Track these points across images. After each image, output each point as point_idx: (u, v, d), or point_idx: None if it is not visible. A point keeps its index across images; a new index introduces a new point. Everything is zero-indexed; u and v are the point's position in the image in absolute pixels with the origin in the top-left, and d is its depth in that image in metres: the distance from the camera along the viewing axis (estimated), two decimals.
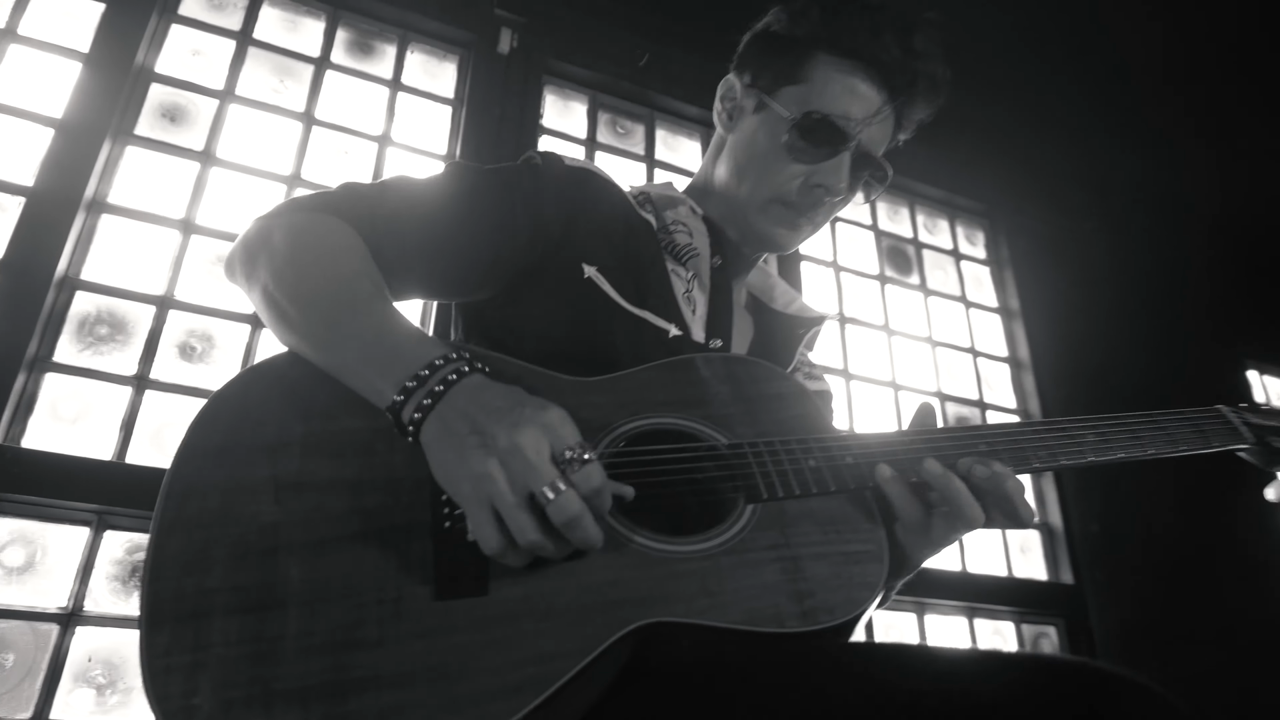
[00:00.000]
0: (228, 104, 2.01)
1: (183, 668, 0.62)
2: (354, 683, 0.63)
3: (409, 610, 0.66)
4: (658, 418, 0.83)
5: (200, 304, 1.80)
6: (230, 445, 0.73)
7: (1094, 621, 2.53)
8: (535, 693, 0.63)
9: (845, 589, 0.73)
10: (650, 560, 0.73)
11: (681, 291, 1.02)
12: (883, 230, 2.88)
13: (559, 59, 2.44)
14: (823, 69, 1.01)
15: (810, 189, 1.02)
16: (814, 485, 0.80)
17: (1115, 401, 2.87)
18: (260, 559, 0.68)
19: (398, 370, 0.72)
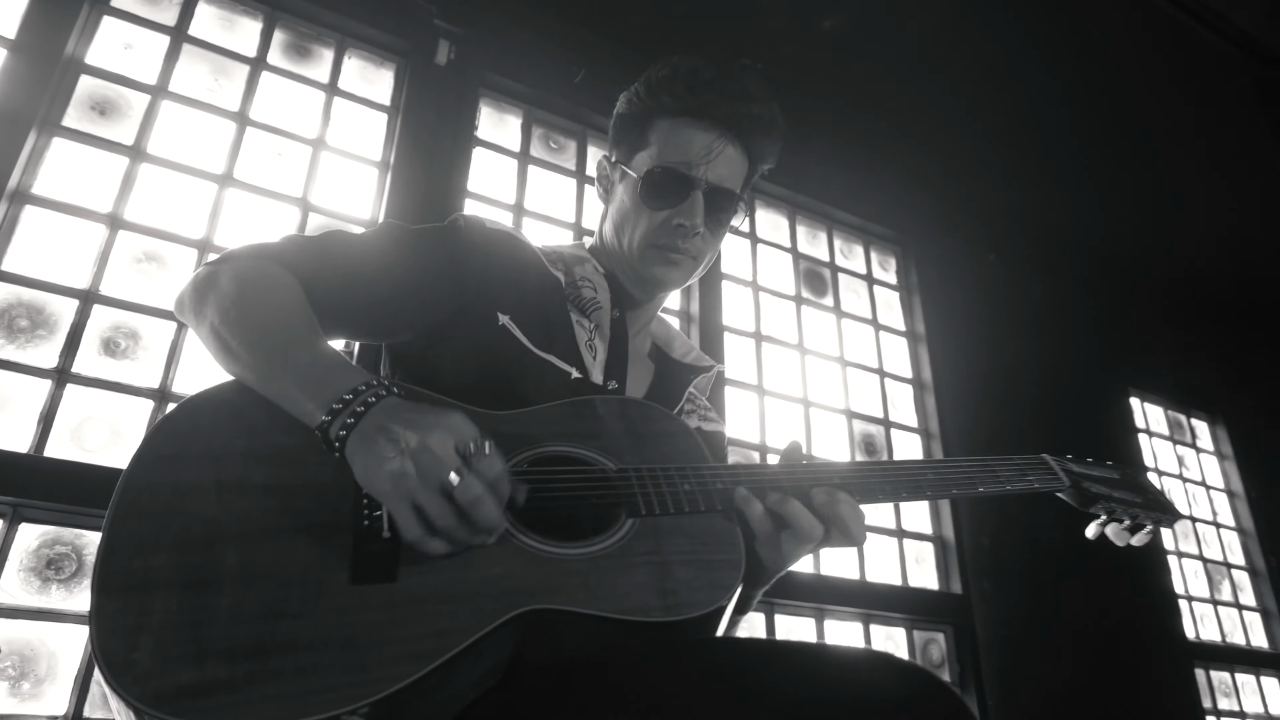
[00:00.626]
0: (160, 100, 2.01)
1: (127, 629, 0.71)
2: (276, 645, 0.72)
3: (328, 591, 0.77)
4: (557, 446, 0.95)
5: (126, 299, 1.81)
6: (180, 453, 0.83)
7: (979, 629, 2.73)
8: (430, 660, 0.74)
9: (705, 589, 0.86)
10: (540, 560, 0.84)
11: (584, 340, 1.15)
12: (801, 253, 3.02)
13: (495, 73, 2.50)
14: (660, 131, 1.18)
15: (672, 229, 1.16)
16: (686, 505, 0.93)
17: (1009, 422, 3.10)
18: (202, 546, 0.77)
19: (325, 395, 0.83)
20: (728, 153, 1.18)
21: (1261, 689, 3.65)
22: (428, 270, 1.09)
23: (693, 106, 1.16)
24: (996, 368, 3.25)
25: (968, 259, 3.43)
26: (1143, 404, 4.02)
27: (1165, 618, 3.36)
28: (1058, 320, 3.64)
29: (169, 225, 1.91)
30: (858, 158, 3.18)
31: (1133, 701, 3.03)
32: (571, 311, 1.17)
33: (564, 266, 1.21)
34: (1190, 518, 3.91)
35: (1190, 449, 4.16)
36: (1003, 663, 2.72)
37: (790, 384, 2.74)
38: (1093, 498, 1.18)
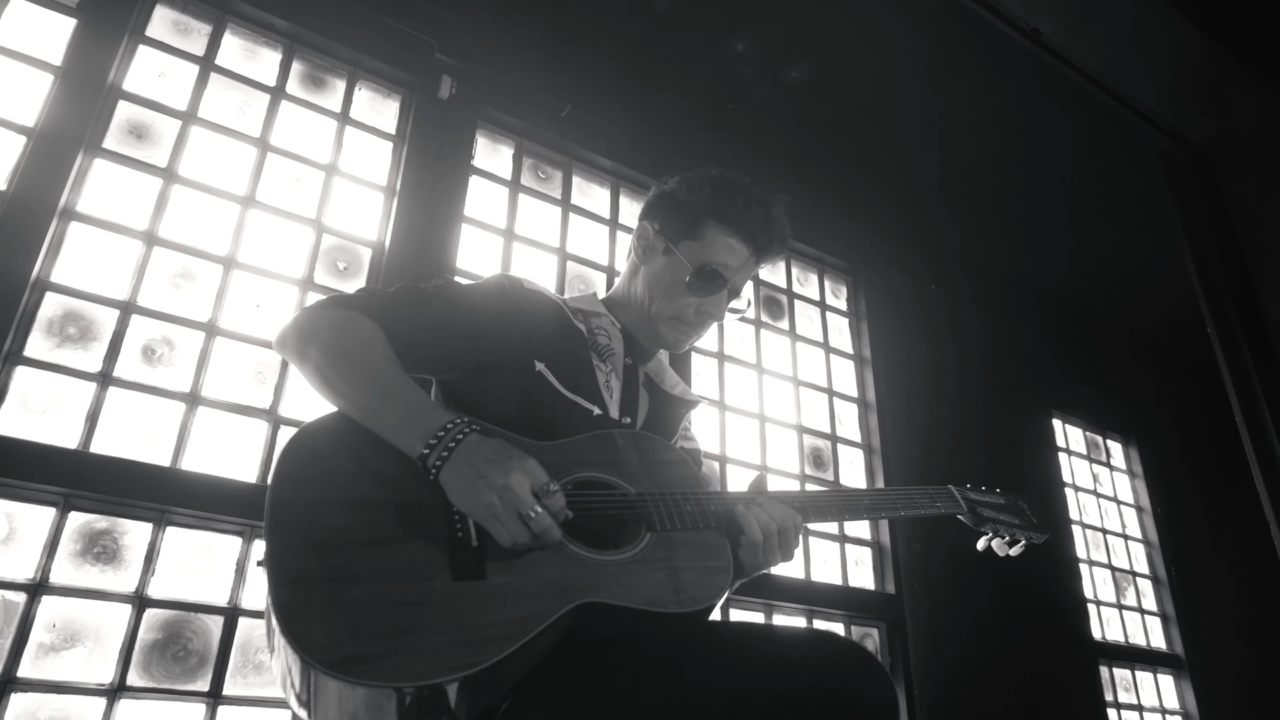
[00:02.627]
0: (190, 125, 2.19)
1: (299, 614, 0.94)
2: (405, 629, 0.97)
3: (437, 587, 1.02)
4: (590, 472, 1.22)
5: (160, 310, 1.99)
6: (308, 474, 1.07)
7: (909, 625, 3.04)
8: (518, 639, 1.00)
9: (706, 588, 1.16)
10: (587, 564, 1.12)
11: (603, 382, 1.41)
12: (762, 280, 3.30)
13: (491, 106, 2.72)
14: (711, 232, 1.46)
15: (699, 314, 1.47)
16: (689, 522, 1.21)
17: (943, 439, 3.42)
18: (338, 550, 1.01)
19: (422, 432, 1.09)
20: (752, 267, 1.51)
21: (1158, 685, 4.06)
22: (477, 322, 1.33)
23: (743, 224, 1.46)
24: (934, 389, 3.57)
25: (911, 290, 3.75)
26: (1064, 425, 4.40)
27: (1075, 619, 3.73)
28: (989, 348, 3.99)
29: (198, 242, 2.10)
30: (817, 195, 3.48)
31: (1044, 694, 3.38)
32: (593, 356, 1.42)
33: (584, 319, 1.47)
34: (1102, 529, 4.30)
35: (1105, 467, 4.56)
36: (929, 656, 3.04)
37: (748, 401, 3.02)
38: (982, 519, 1.53)
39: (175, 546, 1.83)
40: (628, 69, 3.02)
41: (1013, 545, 1.54)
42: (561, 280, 2.73)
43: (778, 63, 3.01)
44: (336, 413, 1.16)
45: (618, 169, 2.98)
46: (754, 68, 3.03)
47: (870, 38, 2.91)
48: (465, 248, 2.51)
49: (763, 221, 1.46)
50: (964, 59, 2.96)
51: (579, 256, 2.79)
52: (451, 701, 0.97)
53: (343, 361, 1.15)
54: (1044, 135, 3.29)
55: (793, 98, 3.11)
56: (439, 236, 2.42)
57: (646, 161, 3.02)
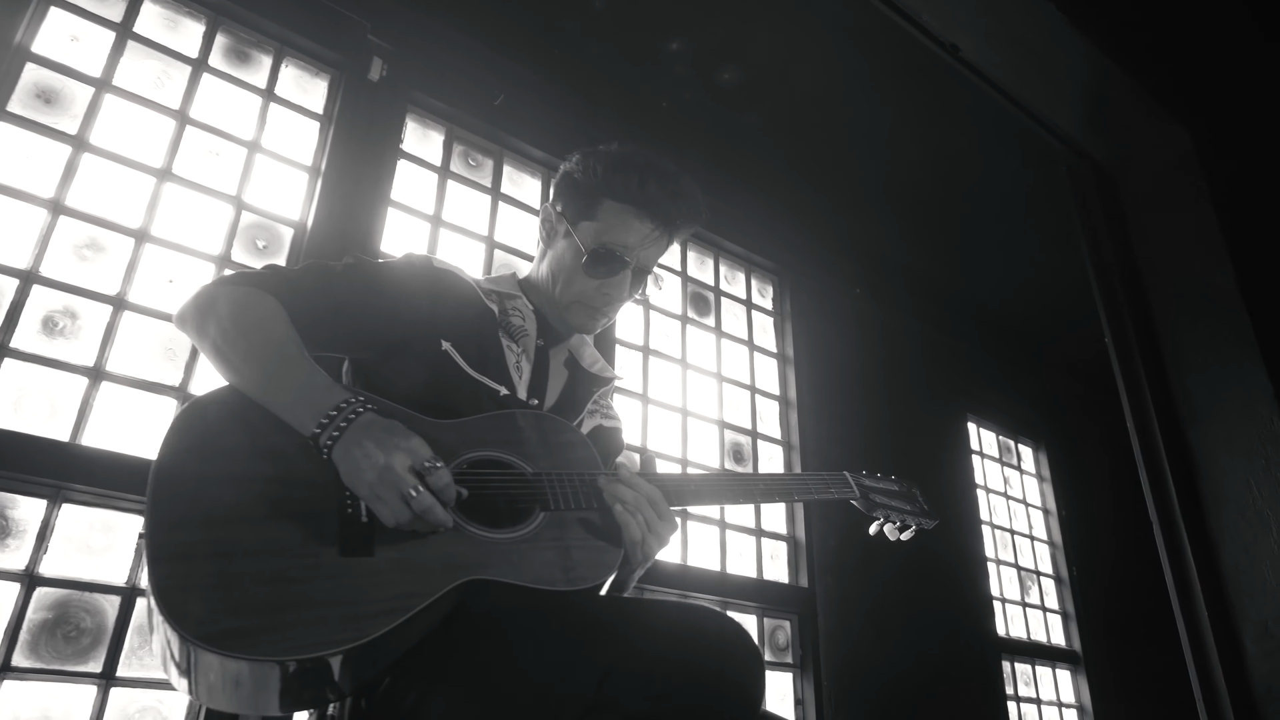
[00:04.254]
0: (104, 93, 2.13)
1: (177, 589, 0.94)
2: (288, 603, 0.98)
3: (323, 563, 1.03)
4: (489, 451, 1.23)
5: (65, 281, 1.93)
6: (197, 447, 1.07)
7: (821, 618, 3.12)
8: (401, 615, 1.01)
9: (593, 567, 1.19)
10: (478, 542, 1.13)
11: (513, 362, 1.42)
12: (690, 276, 3.35)
13: (422, 91, 2.70)
14: (607, 211, 1.45)
15: (602, 296, 1.46)
16: (583, 502, 1.23)
17: (861, 438, 3.52)
18: (223, 525, 1.01)
19: (315, 411, 1.09)
20: (659, 241, 1.48)
21: (1056, 680, 4.25)
22: (386, 300, 1.34)
23: (640, 199, 1.43)
24: (853, 390, 3.67)
25: (836, 292, 3.84)
26: (978, 429, 4.57)
27: (981, 615, 3.88)
28: (910, 351, 4.11)
29: (108, 214, 2.04)
30: (746, 194, 3.54)
31: (948, 686, 3.51)
32: (504, 337, 1.42)
33: (498, 299, 1.47)
34: (1010, 530, 4.48)
35: (1016, 470, 4.75)
36: (840, 648, 3.13)
37: (672, 395, 3.06)
38: (875, 505, 1.58)
39: (71, 524, 1.78)
40: (564, 63, 3.03)
41: (903, 530, 1.60)
42: (489, 268, 2.72)
43: (710, 65, 3.07)
44: (229, 387, 1.15)
45: (549, 160, 2.99)
46: (687, 68, 3.07)
47: (799, 46, 2.98)
48: (391, 232, 2.49)
49: (662, 194, 1.43)
50: (890, 73, 3.06)
51: (507, 246, 2.79)
52: (335, 675, 0.98)
53: (240, 339, 1.15)
54: (964, 149, 3.42)
55: (724, 100, 3.17)
56: (363, 219, 2.40)
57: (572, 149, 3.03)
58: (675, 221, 1.47)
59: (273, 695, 0.96)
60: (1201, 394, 2.58)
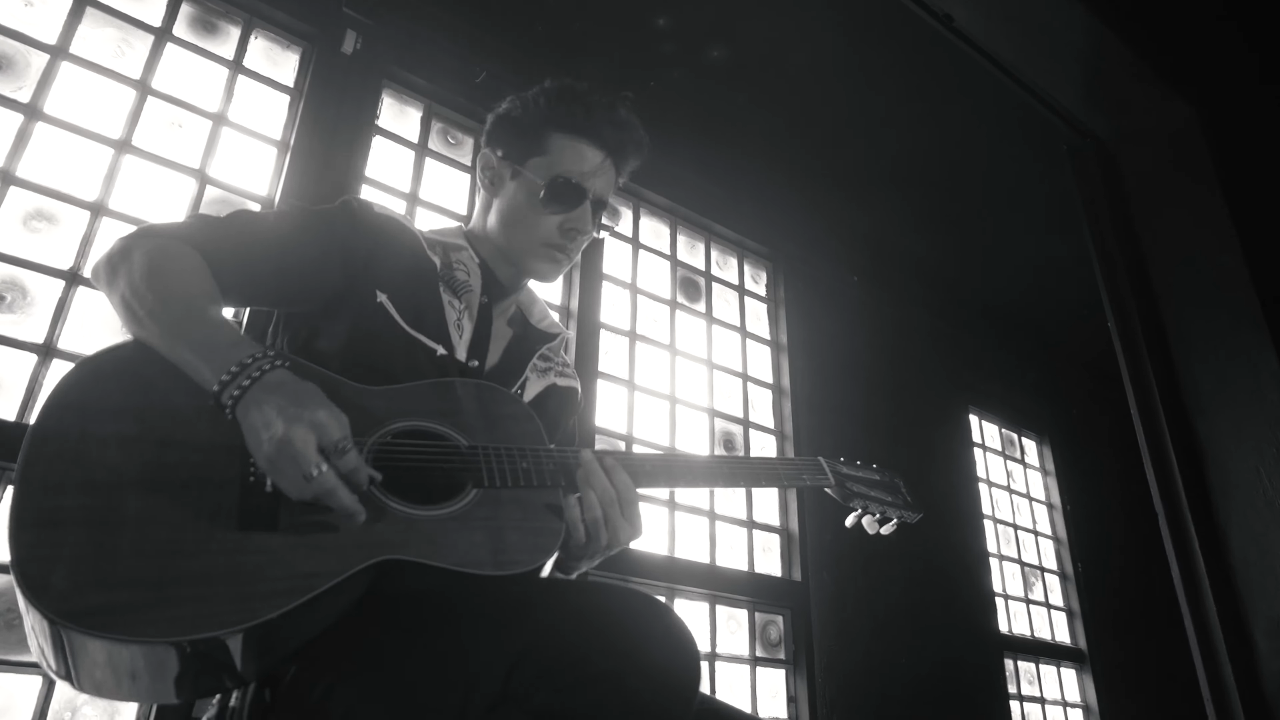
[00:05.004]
0: (60, 60, 2.04)
1: (42, 559, 0.83)
2: (172, 578, 0.86)
3: (218, 535, 0.91)
4: (420, 421, 1.12)
5: (13, 254, 1.85)
6: (84, 405, 0.95)
7: (814, 613, 3.02)
8: (300, 596, 0.89)
9: (528, 551, 1.06)
10: (399, 519, 1.01)
11: (454, 320, 1.30)
12: (680, 260, 3.26)
13: (399, 66, 2.62)
14: (556, 143, 1.36)
15: (566, 232, 1.35)
16: (522, 479, 1.11)
17: (856, 429, 3.42)
18: (105, 490, 0.89)
19: (218, 364, 0.97)
20: (610, 171, 1.39)
21: (1060, 678, 4.14)
22: (318, 248, 1.22)
23: (588, 128, 1.35)
24: (850, 379, 3.57)
25: (833, 279, 3.74)
26: (980, 421, 4.46)
27: (982, 612, 3.77)
28: (909, 341, 4.01)
29: (63, 185, 1.96)
30: (738, 177, 3.44)
31: (948, 684, 3.40)
32: (445, 292, 1.31)
33: (441, 251, 1.36)
34: (1013, 525, 4.37)
35: (1019, 464, 4.64)
36: (834, 644, 3.02)
37: (660, 381, 2.96)
38: (851, 494, 1.45)
39: None
40: (548, 39, 2.94)
41: (883, 524, 1.48)
42: None
43: (700, 41, 2.97)
44: (133, 341, 1.04)
45: None
46: (676, 45, 2.98)
47: (791, 23, 2.88)
48: None
49: (608, 121, 1.37)
50: (884, 50, 2.96)
51: None
52: (236, 661, 0.87)
53: (149, 293, 1.03)
54: (964, 131, 3.32)
55: (714, 79, 3.07)
56: (335, 193, 2.30)
57: None
58: (624, 150, 1.40)
59: (165, 682, 0.85)
60: (1209, 381, 2.47)
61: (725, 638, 2.79)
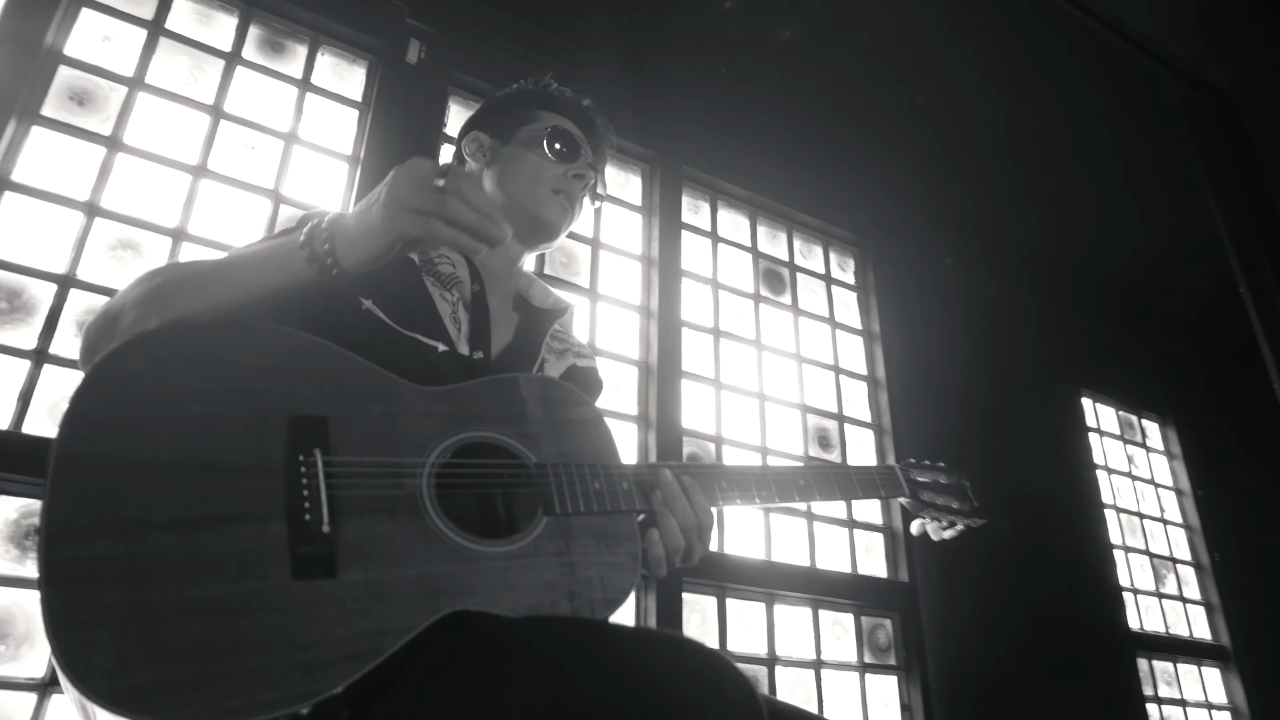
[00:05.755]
0: (137, 91, 2.08)
1: (80, 624, 0.71)
2: (226, 645, 0.75)
3: (272, 587, 0.79)
4: (482, 432, 1.02)
5: (101, 284, 1.88)
6: (111, 419, 0.81)
7: (924, 615, 2.84)
8: (370, 660, 0.79)
9: (607, 590, 0.96)
10: (464, 557, 0.90)
11: (449, 313, 1.22)
12: (761, 252, 3.13)
13: (463, 71, 2.58)
14: (545, 114, 1.42)
15: (571, 179, 1.38)
16: (595, 505, 1.01)
17: (959, 419, 3.22)
18: (140, 531, 0.77)
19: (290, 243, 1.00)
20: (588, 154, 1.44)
21: (1202, 678, 3.81)
22: None
23: (566, 107, 1.44)
24: (949, 367, 3.37)
25: (925, 262, 3.55)
26: (1095, 404, 4.16)
27: (1109, 608, 3.50)
28: (1012, 323, 3.77)
29: (144, 214, 1.98)
30: (819, 161, 3.29)
31: (1076, 688, 3.16)
32: (433, 286, 1.24)
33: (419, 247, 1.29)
34: (1138, 514, 4.06)
35: (1140, 448, 4.31)
36: (947, 647, 2.84)
37: (747, 379, 2.85)
38: (923, 505, 1.40)
39: None
40: (608, 30, 2.86)
41: (947, 529, 1.41)
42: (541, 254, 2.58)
43: (768, 21, 2.84)
44: (157, 330, 0.91)
45: None
46: (743, 27, 2.86)
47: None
48: None
49: (584, 109, 1.46)
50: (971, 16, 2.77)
51: None
52: None
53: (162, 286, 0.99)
54: (1062, 95, 3.08)
55: (786, 58, 2.93)
56: None
57: (631, 127, 2.87)
58: (594, 134, 1.47)
59: None
60: None
61: (830, 644, 2.65)
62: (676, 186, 2.93)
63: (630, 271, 2.76)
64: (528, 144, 1.38)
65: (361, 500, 0.88)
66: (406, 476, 0.92)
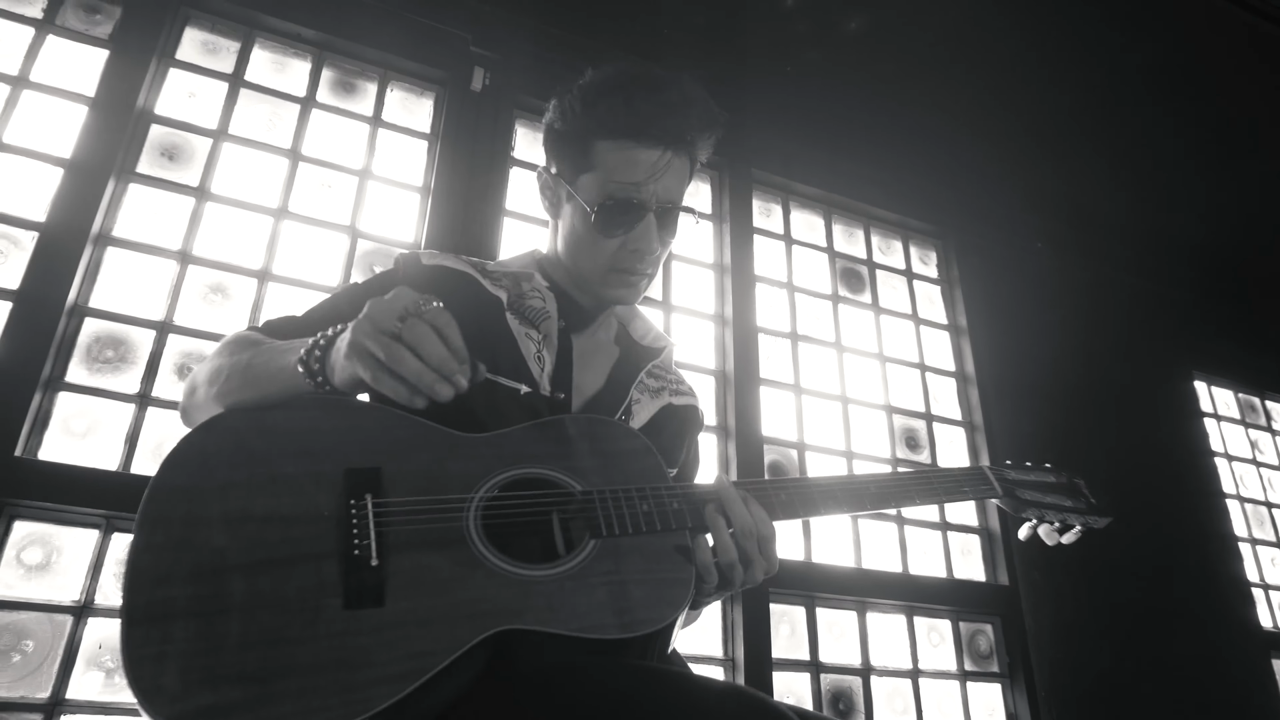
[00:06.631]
0: (221, 142, 2.19)
1: (152, 657, 0.82)
2: (278, 670, 0.83)
3: (324, 617, 0.87)
4: (528, 468, 1.04)
5: (196, 328, 1.99)
6: (189, 486, 0.93)
7: (1028, 619, 2.73)
8: (412, 681, 0.84)
9: (657, 607, 0.96)
10: (511, 582, 0.94)
11: (533, 353, 1.20)
12: (838, 251, 3.06)
13: (528, 94, 2.62)
14: (602, 154, 1.18)
15: (630, 254, 1.20)
16: (644, 525, 1.02)
17: (1056, 413, 3.08)
18: (211, 576, 0.87)
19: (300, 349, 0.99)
20: (673, 165, 1.19)
21: None
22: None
23: (634, 125, 1.15)
24: (1043, 357, 3.22)
25: (1011, 249, 3.40)
26: (1209, 387, 3.90)
27: (1236, 606, 3.28)
28: (1109, 308, 3.57)
29: (232, 258, 2.09)
30: (894, 153, 3.20)
31: (1201, 690, 2.97)
32: (520, 325, 1.22)
33: (510, 282, 1.27)
34: (1266, 503, 3.78)
35: (1265, 432, 4.02)
36: (1055, 652, 2.72)
37: (829, 382, 2.79)
38: (1024, 503, 1.28)
39: None
40: (672, 40, 2.85)
41: (1064, 532, 1.31)
42: None
43: (833, 14, 2.78)
44: (231, 412, 1.01)
45: None
46: (808, 23, 2.80)
47: None
48: (508, 241, 2.41)
49: (660, 109, 1.16)
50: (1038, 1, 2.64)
51: None
52: None
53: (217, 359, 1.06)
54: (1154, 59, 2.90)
55: (855, 50, 2.86)
56: (477, 232, 2.34)
57: None
58: (686, 136, 1.19)
59: None
60: None
61: (928, 651, 2.57)
62: (746, 191, 2.90)
63: (703, 280, 2.74)
64: (582, 212, 1.21)
65: (409, 535, 0.94)
66: (453, 511, 0.97)
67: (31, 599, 1.65)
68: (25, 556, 1.66)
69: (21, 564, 1.66)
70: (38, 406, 1.77)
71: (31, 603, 1.65)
